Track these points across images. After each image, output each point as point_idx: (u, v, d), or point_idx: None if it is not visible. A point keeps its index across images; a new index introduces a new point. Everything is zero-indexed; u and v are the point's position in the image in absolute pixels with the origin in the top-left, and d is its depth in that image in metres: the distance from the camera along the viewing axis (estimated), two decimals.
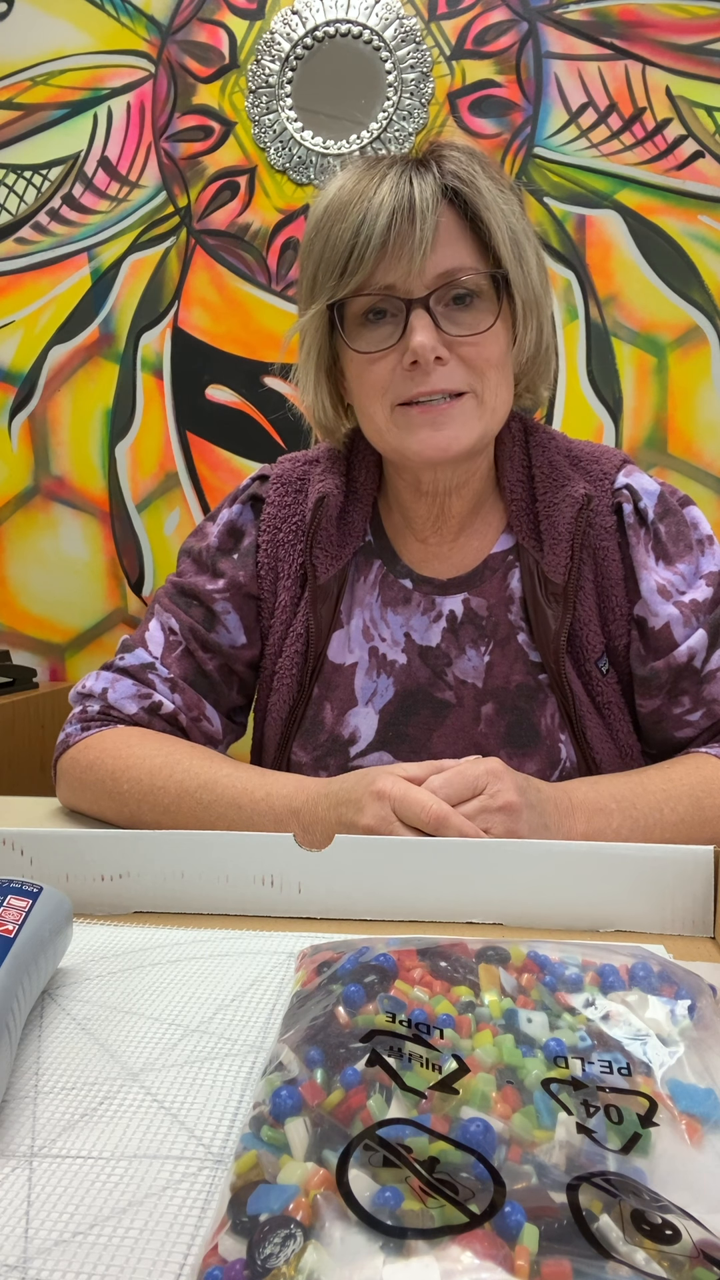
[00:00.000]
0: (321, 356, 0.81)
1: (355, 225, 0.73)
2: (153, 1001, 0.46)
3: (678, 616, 0.77)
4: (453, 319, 0.75)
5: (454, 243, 0.75)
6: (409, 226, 0.72)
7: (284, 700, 0.85)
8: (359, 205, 0.73)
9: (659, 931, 0.55)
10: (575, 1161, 0.30)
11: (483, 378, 0.76)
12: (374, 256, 0.73)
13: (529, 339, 0.80)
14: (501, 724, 0.81)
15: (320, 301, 0.77)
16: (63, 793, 0.82)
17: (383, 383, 0.76)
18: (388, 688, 0.84)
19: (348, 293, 0.75)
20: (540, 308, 0.80)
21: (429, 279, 0.74)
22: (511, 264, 0.76)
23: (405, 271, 0.73)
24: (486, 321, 0.76)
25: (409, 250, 0.72)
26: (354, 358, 0.78)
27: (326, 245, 0.75)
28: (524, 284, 0.77)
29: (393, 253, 0.73)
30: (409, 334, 0.74)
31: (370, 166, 0.77)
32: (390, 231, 0.72)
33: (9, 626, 2.09)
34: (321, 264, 0.76)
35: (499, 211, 0.75)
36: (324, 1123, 0.31)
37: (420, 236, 0.72)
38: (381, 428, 0.78)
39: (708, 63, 1.80)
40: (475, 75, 1.87)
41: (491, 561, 0.85)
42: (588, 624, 0.81)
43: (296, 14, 1.89)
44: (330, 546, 0.85)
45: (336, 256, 0.75)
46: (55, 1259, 0.29)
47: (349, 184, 0.76)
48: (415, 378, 0.75)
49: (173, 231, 1.97)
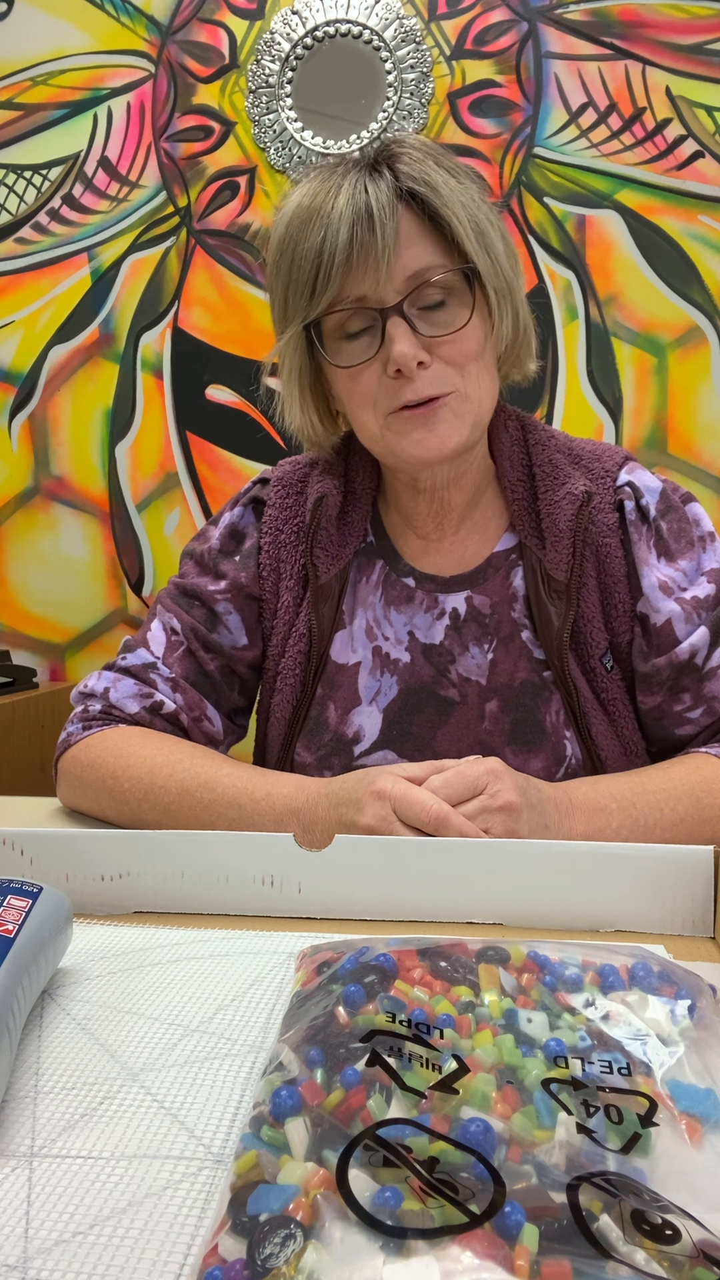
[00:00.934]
0: (304, 374, 0.82)
1: (318, 242, 0.73)
2: (153, 1001, 0.46)
3: (679, 613, 0.77)
4: (428, 320, 0.75)
5: (418, 243, 0.74)
6: (370, 235, 0.72)
7: (287, 700, 0.85)
8: (318, 221, 0.73)
9: (659, 931, 0.55)
10: (575, 1161, 0.30)
11: (464, 372, 0.76)
12: (340, 271, 0.73)
13: (506, 324, 0.79)
14: (506, 721, 0.81)
15: (295, 324, 0.77)
16: (63, 792, 0.82)
17: (370, 393, 0.76)
18: (391, 686, 0.84)
19: (320, 310, 0.75)
20: (513, 292, 0.80)
21: (398, 284, 0.74)
22: (478, 255, 0.75)
23: (374, 281, 0.73)
24: (462, 318, 0.75)
25: (374, 258, 0.72)
26: (338, 373, 0.78)
27: (292, 265, 0.75)
28: (494, 272, 0.77)
29: (358, 264, 0.73)
30: (388, 344, 0.73)
31: (325, 178, 0.76)
32: (353, 244, 0.72)
33: (9, 626, 2.09)
34: (290, 285, 0.76)
35: (458, 205, 0.74)
36: (324, 1123, 0.31)
37: (383, 244, 0.71)
38: (376, 434, 0.79)
39: (708, 63, 1.80)
40: (475, 75, 1.87)
41: (494, 560, 0.85)
42: (591, 621, 0.81)
43: (296, 14, 1.89)
44: (330, 546, 0.85)
45: (304, 276, 0.74)
46: (55, 1259, 0.29)
47: (304, 200, 0.75)
48: (401, 386, 0.75)
49: (173, 231, 1.97)
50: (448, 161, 0.77)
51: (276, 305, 0.80)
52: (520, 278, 0.81)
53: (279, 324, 0.81)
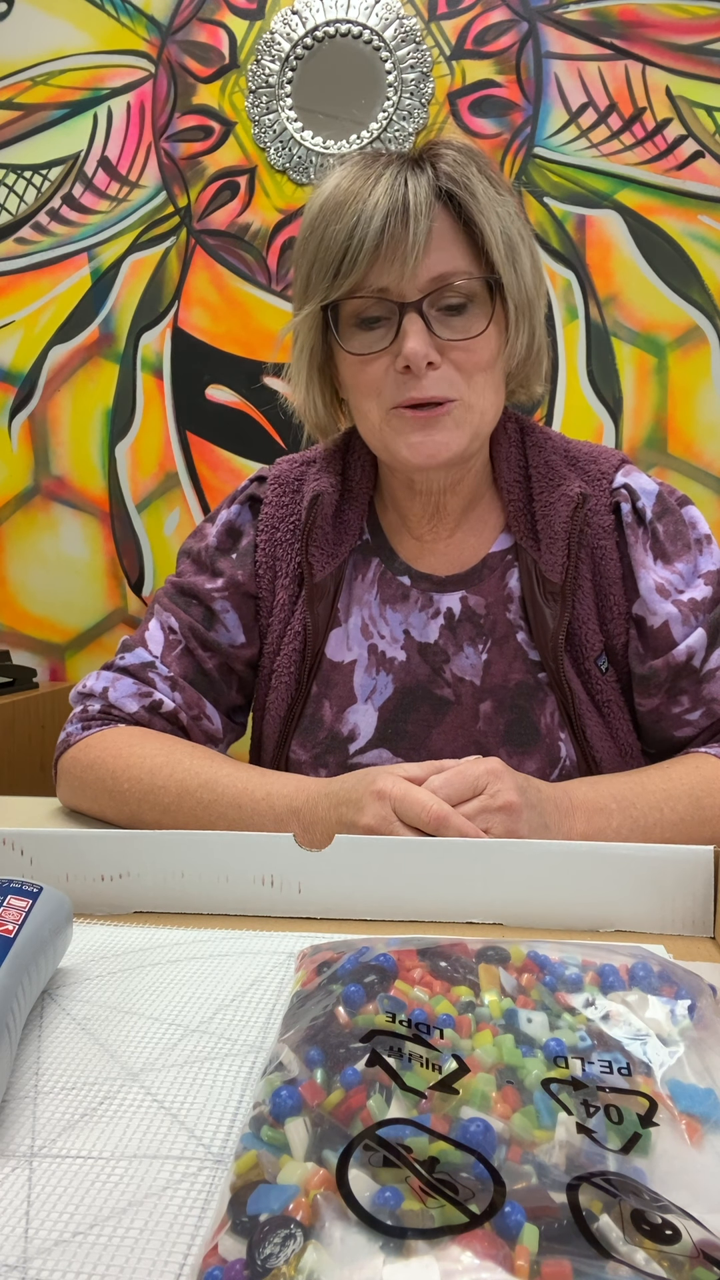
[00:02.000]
0: (315, 355, 0.81)
1: (349, 226, 0.73)
2: (153, 1001, 0.46)
3: (676, 615, 0.77)
4: (445, 323, 0.75)
5: (448, 246, 0.75)
6: (402, 229, 0.72)
7: (282, 698, 0.85)
8: (354, 206, 0.73)
9: (659, 931, 0.55)
10: (575, 1161, 0.30)
11: (471, 381, 0.76)
12: (367, 258, 0.73)
13: (521, 341, 0.80)
14: (500, 722, 0.81)
15: (314, 302, 0.77)
16: (63, 792, 0.82)
17: (376, 384, 0.76)
18: (387, 685, 0.84)
19: (341, 294, 0.75)
20: (533, 310, 0.80)
21: (422, 282, 0.74)
22: (505, 268, 0.76)
23: (399, 274, 0.73)
24: (479, 326, 0.75)
25: (402, 253, 0.72)
26: (347, 359, 0.78)
27: (320, 245, 0.75)
28: (517, 288, 0.77)
29: (386, 255, 0.73)
30: (402, 339, 0.73)
31: (367, 165, 0.76)
32: (384, 234, 0.72)
33: (9, 626, 2.09)
34: (315, 264, 0.76)
35: (493, 215, 0.75)
36: (324, 1123, 0.31)
37: (413, 240, 0.72)
38: (376, 427, 0.78)
39: (708, 63, 1.80)
40: (475, 75, 1.87)
41: (490, 561, 0.85)
42: (586, 623, 0.81)
43: (296, 14, 1.89)
44: (326, 544, 0.85)
45: (330, 257, 0.74)
46: (55, 1259, 0.29)
47: (344, 182, 0.75)
48: (408, 382, 0.75)
49: (173, 231, 1.97)
50: (490, 171, 0.77)
51: (298, 281, 0.80)
52: (542, 299, 0.81)
53: (298, 300, 0.80)
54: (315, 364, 0.82)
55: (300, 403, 0.85)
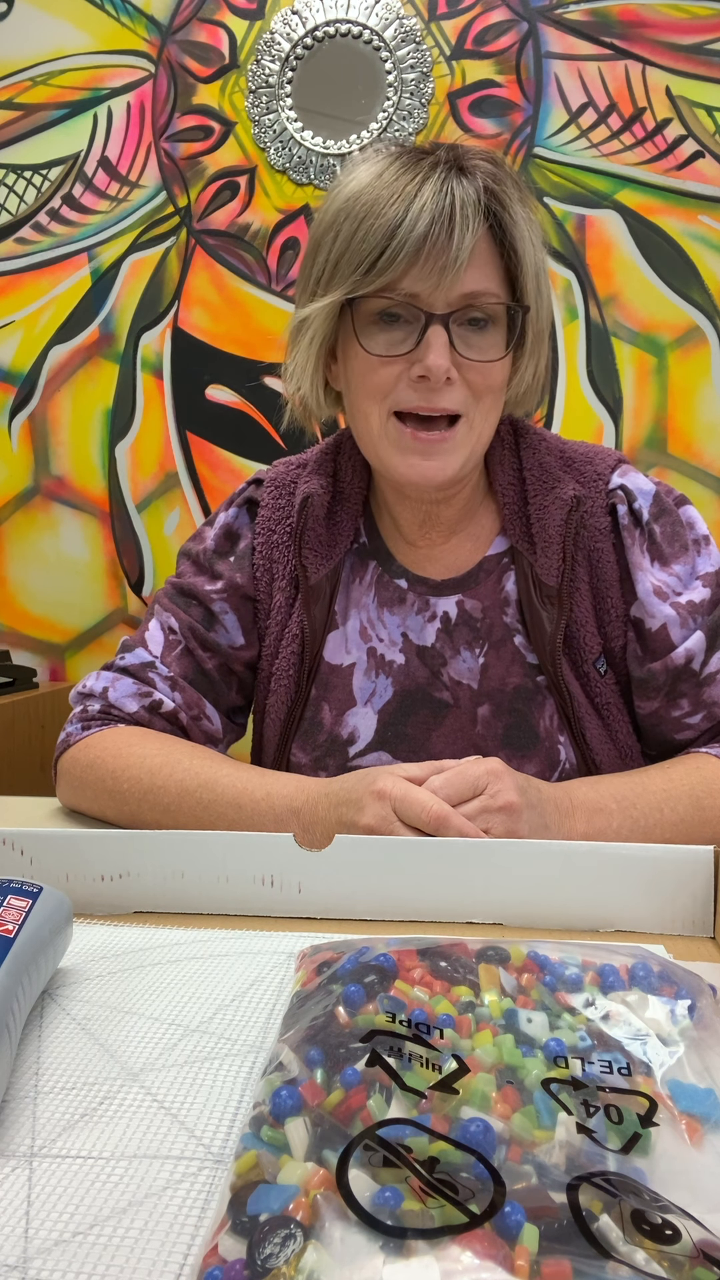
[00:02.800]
0: (324, 345, 0.80)
1: (391, 224, 0.71)
2: (153, 1001, 0.46)
3: (675, 618, 0.77)
4: (467, 340, 0.74)
5: (483, 265, 0.74)
6: (446, 240, 0.70)
7: (282, 701, 0.85)
8: (398, 204, 0.71)
9: (659, 931, 0.55)
10: (575, 1161, 0.30)
11: (480, 401, 0.76)
12: (406, 261, 0.71)
13: (530, 371, 0.81)
14: (499, 726, 0.81)
15: (338, 293, 0.75)
16: (63, 792, 0.82)
17: (385, 388, 0.76)
18: (386, 688, 0.84)
19: (370, 291, 0.73)
20: (544, 344, 0.81)
21: (454, 297, 0.73)
22: (532, 299, 0.76)
23: (434, 284, 0.72)
24: (498, 350, 0.76)
25: (441, 264, 0.71)
26: (360, 355, 0.76)
27: (355, 236, 0.73)
28: (537, 318, 0.78)
29: (424, 262, 0.71)
30: (424, 349, 0.73)
31: (412, 161, 0.74)
32: (426, 240, 0.70)
33: (9, 626, 2.09)
34: (347, 254, 0.74)
35: (527, 242, 0.75)
36: (324, 1123, 0.31)
37: (455, 252, 0.70)
38: (374, 432, 0.78)
39: (708, 63, 1.80)
40: (475, 75, 1.87)
41: (486, 564, 0.85)
42: (584, 625, 0.80)
43: (296, 14, 1.89)
44: (319, 546, 0.85)
45: (366, 251, 0.72)
46: (55, 1259, 0.29)
47: (387, 175, 0.73)
48: (419, 392, 0.74)
49: (173, 231, 1.97)
50: (528, 196, 0.77)
51: (322, 265, 0.76)
52: (550, 330, 0.82)
53: (318, 283, 0.77)
54: (322, 354, 0.80)
55: (298, 390, 0.83)
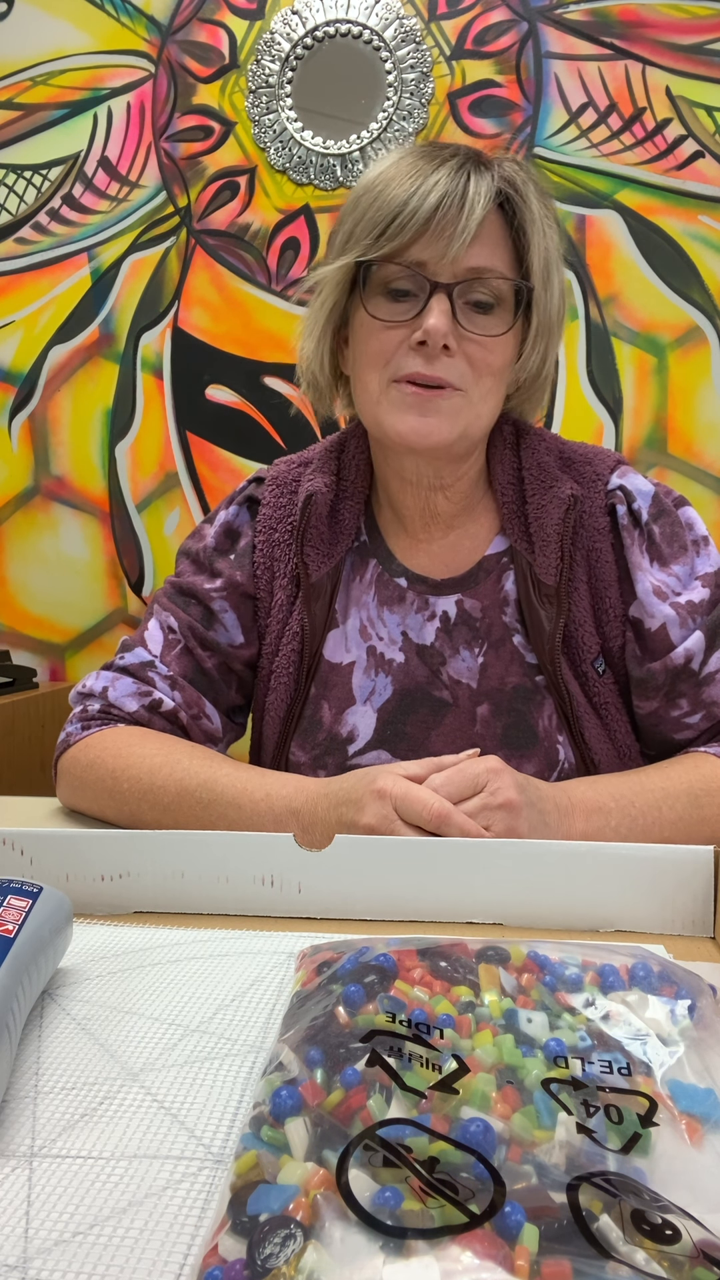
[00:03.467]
0: (334, 313, 0.82)
1: (405, 195, 0.74)
2: (153, 1001, 0.46)
3: (674, 618, 0.77)
4: (469, 316, 0.76)
5: (492, 244, 0.76)
6: (456, 212, 0.73)
7: (281, 699, 0.85)
8: (415, 178, 0.74)
9: (659, 931, 0.55)
10: (575, 1161, 0.30)
11: (478, 379, 0.77)
12: (416, 228, 0.74)
13: (533, 359, 0.82)
14: (498, 725, 0.81)
15: (350, 256, 0.77)
16: (63, 792, 0.82)
17: (386, 353, 0.77)
18: (386, 686, 0.84)
19: (379, 256, 0.76)
20: (551, 335, 0.82)
21: (459, 269, 0.75)
22: (539, 282, 0.78)
23: (440, 253, 0.74)
24: (500, 328, 0.77)
25: (450, 234, 0.73)
26: (365, 321, 0.78)
27: (372, 205, 0.76)
28: (544, 306, 0.79)
29: (434, 231, 0.74)
30: (425, 314, 0.74)
31: (434, 150, 0.78)
32: (437, 211, 0.73)
33: (9, 626, 2.09)
34: (362, 221, 0.77)
35: (539, 231, 0.77)
36: (324, 1123, 0.31)
37: (463, 224, 0.73)
38: (374, 398, 0.79)
39: (708, 63, 1.80)
40: (475, 75, 1.87)
41: (486, 563, 0.85)
42: (583, 625, 0.81)
43: (296, 14, 1.89)
44: (321, 545, 0.85)
45: (379, 218, 0.75)
46: (55, 1259, 0.29)
47: (409, 158, 0.77)
48: (419, 358, 0.75)
49: (173, 231, 1.97)
50: (547, 195, 0.80)
51: (340, 234, 0.80)
52: (560, 330, 0.83)
53: (335, 252, 0.81)
54: (332, 322, 0.83)
55: (308, 355, 0.85)
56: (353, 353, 0.82)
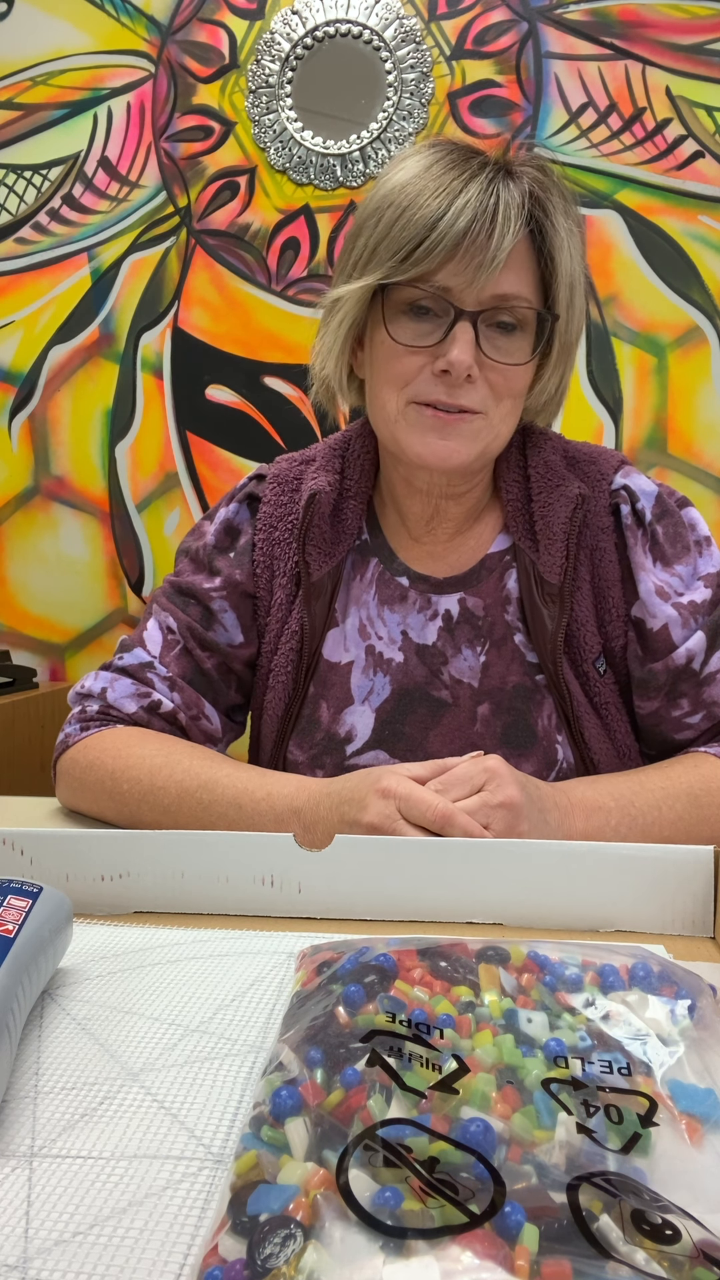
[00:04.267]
0: (352, 328, 0.80)
1: (433, 216, 0.72)
2: (153, 1001, 0.46)
3: (676, 618, 0.77)
4: (493, 341, 0.75)
5: (519, 269, 0.75)
6: (485, 238, 0.71)
7: (280, 698, 0.85)
8: (442, 197, 0.72)
9: (659, 931, 0.55)
10: (575, 1161, 0.30)
11: (499, 404, 0.77)
12: (444, 254, 0.72)
13: (553, 381, 0.81)
14: (498, 724, 0.81)
15: (373, 277, 0.75)
16: (62, 793, 0.82)
17: (407, 377, 0.76)
18: (384, 686, 0.84)
19: (404, 279, 0.74)
20: (570, 355, 0.81)
21: (485, 296, 0.74)
22: (563, 309, 0.77)
23: (467, 281, 0.73)
24: (523, 355, 0.76)
25: (478, 261, 0.72)
26: (385, 342, 0.77)
27: (396, 224, 0.74)
28: (566, 330, 0.79)
29: (461, 258, 0.72)
30: (449, 343, 0.73)
31: (461, 160, 0.75)
32: (466, 236, 0.71)
33: (9, 626, 2.09)
34: (386, 240, 0.74)
35: (568, 253, 0.76)
36: (324, 1123, 0.31)
37: (493, 252, 0.71)
38: (391, 417, 0.78)
39: (708, 63, 1.80)
40: (475, 75, 1.87)
41: (488, 561, 0.85)
42: (585, 625, 0.81)
43: (296, 14, 1.89)
44: (323, 544, 0.85)
45: (405, 239, 0.73)
46: (55, 1259, 0.29)
47: (437, 169, 0.74)
48: (440, 386, 0.75)
49: (173, 231, 1.97)
50: (573, 208, 0.78)
51: (359, 250, 0.77)
52: (579, 345, 0.82)
53: (354, 267, 0.78)
54: (351, 337, 0.81)
55: (323, 372, 0.84)
56: (370, 365, 0.81)
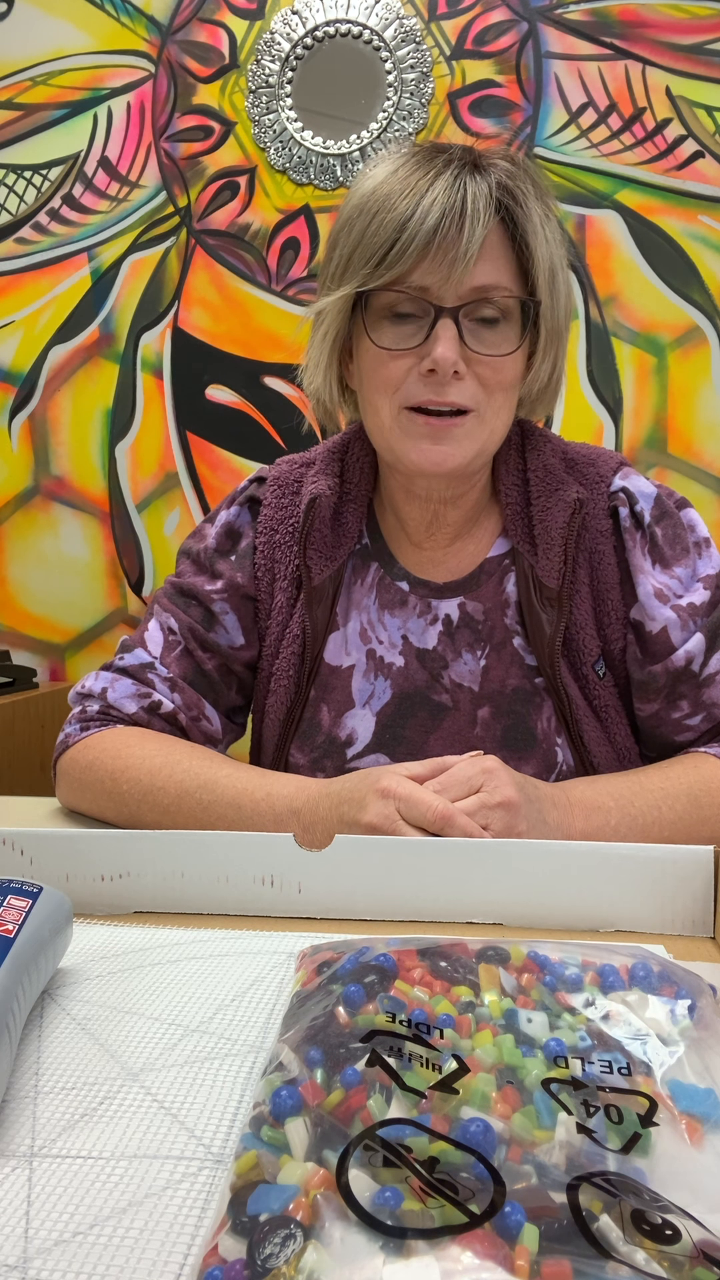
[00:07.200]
0: (337, 340, 0.80)
1: (402, 218, 0.71)
2: (153, 1001, 0.46)
3: (675, 620, 0.77)
4: (477, 335, 0.74)
5: (495, 259, 0.74)
6: (456, 233, 0.71)
7: (281, 702, 0.85)
8: (409, 198, 0.72)
9: (659, 931, 0.55)
10: (575, 1161, 0.30)
11: (490, 397, 0.76)
12: (416, 254, 0.71)
13: (544, 369, 0.80)
14: (498, 727, 0.81)
15: (350, 286, 0.75)
16: (62, 793, 0.82)
17: (395, 381, 0.76)
18: (385, 690, 0.84)
19: (380, 284, 0.74)
20: (560, 340, 0.81)
21: (464, 290, 0.73)
22: (545, 294, 0.76)
23: (443, 278, 0.72)
24: (509, 345, 0.76)
25: (451, 257, 0.71)
26: (371, 349, 0.77)
27: (368, 231, 0.73)
28: (551, 315, 0.78)
29: (435, 255, 0.72)
30: (432, 342, 0.73)
31: (427, 158, 0.74)
32: (437, 233, 0.71)
33: (9, 626, 2.09)
34: (359, 248, 0.74)
35: (543, 238, 0.75)
36: (324, 1123, 0.31)
37: (465, 246, 0.71)
38: (385, 425, 0.78)
39: (708, 63, 1.80)
40: (475, 75, 1.87)
41: (488, 565, 0.85)
42: (584, 627, 0.80)
43: (296, 14, 1.89)
44: (324, 548, 0.85)
45: (377, 245, 0.73)
46: (55, 1259, 0.29)
47: (402, 171, 0.74)
48: (429, 385, 0.74)
49: (173, 231, 1.97)
50: (547, 194, 0.77)
51: (336, 261, 0.77)
52: (569, 331, 0.82)
53: (332, 280, 0.78)
54: (336, 349, 0.81)
55: (315, 387, 0.84)
56: (360, 376, 0.80)
